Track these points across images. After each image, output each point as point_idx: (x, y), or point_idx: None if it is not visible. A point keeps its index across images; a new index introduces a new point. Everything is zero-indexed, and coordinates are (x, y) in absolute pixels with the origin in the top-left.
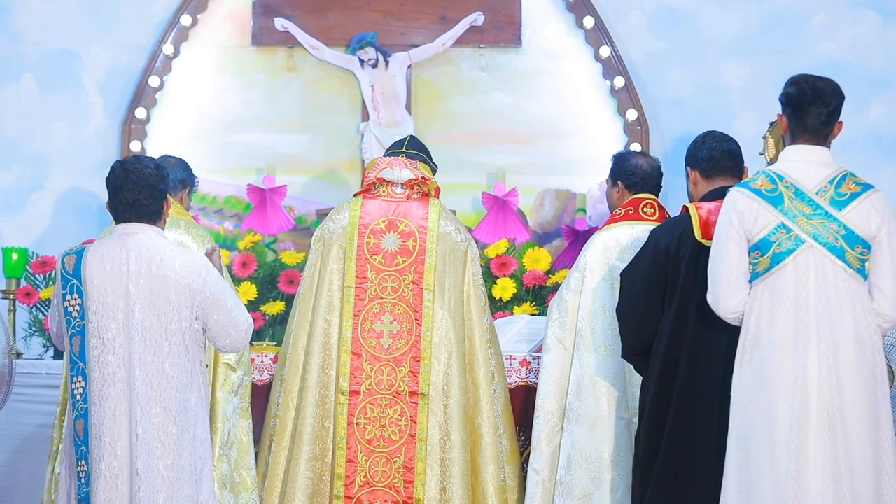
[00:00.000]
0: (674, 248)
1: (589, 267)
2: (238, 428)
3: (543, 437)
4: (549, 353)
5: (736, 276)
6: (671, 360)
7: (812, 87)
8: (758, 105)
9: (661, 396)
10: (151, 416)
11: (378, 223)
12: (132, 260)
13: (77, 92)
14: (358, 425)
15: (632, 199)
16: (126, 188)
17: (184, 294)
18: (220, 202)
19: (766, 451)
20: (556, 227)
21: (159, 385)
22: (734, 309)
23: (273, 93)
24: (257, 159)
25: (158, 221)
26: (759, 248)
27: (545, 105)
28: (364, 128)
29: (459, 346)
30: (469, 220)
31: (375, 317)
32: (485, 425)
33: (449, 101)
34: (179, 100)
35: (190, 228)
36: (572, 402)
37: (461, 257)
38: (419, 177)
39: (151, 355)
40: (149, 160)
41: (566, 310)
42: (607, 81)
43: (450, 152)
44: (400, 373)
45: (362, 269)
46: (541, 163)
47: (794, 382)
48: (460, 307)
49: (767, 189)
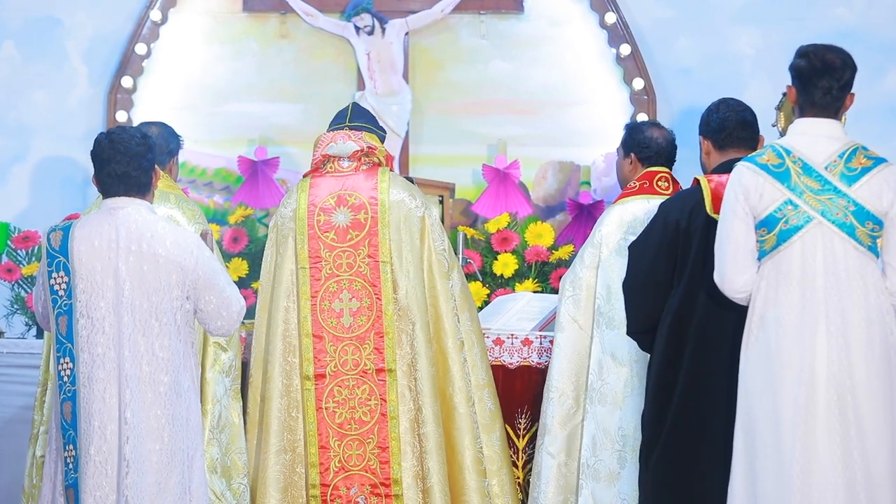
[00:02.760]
0: (684, 222)
1: (605, 242)
2: (230, 410)
3: (558, 420)
4: (563, 332)
5: (743, 253)
6: (677, 340)
7: (821, 60)
8: (769, 73)
9: (665, 378)
10: (141, 400)
11: (327, 200)
12: (122, 236)
13: (60, 60)
14: (327, 410)
15: (646, 172)
16: (113, 160)
17: (175, 272)
18: (210, 175)
19: (770, 436)
20: (559, 200)
21: (149, 367)
22: (741, 288)
23: (265, 61)
24: (249, 130)
25: (148, 194)
26: (765, 224)
27: (548, 74)
28: (360, 97)
29: (422, 315)
30: (469, 193)
31: (333, 296)
32: (457, 395)
33: (448, 70)
34: (167, 68)
35: (180, 203)
36: (594, 381)
37: (417, 223)
38: (364, 147)
39: (141, 336)
40: (135, 130)
41: (581, 286)
42: (613, 49)
43: (449, 123)
44: (364, 351)
45: (315, 248)
46: (543, 134)
47: (801, 364)
48: (420, 275)
49: (774, 164)
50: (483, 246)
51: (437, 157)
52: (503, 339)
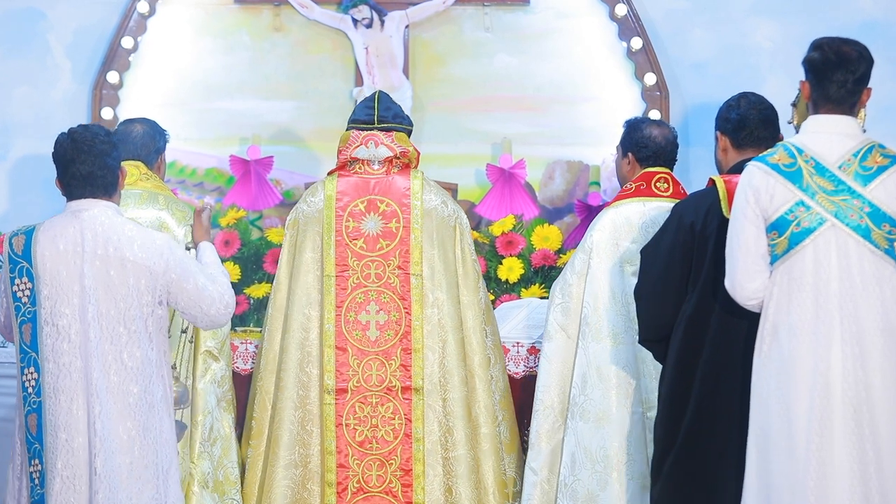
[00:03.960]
0: (699, 224)
1: (596, 248)
2: (221, 422)
3: (543, 434)
4: (551, 342)
5: (753, 258)
6: (690, 349)
7: (836, 52)
8: (788, 68)
9: (678, 389)
10: (110, 411)
11: (357, 204)
12: (87, 240)
13: (42, 54)
14: (347, 426)
15: (644, 172)
16: (77, 160)
17: (144, 277)
18: (201, 175)
19: (784, 448)
20: (567, 201)
21: (117, 377)
22: (752, 295)
23: (258, 55)
24: (241, 128)
25: (114, 195)
26: (776, 227)
27: (555, 69)
28: (358, 94)
29: (456, 332)
30: (472, 194)
31: (360, 307)
32: (482, 415)
33: (450, 65)
34: (155, 63)
35: (170, 204)
36: (576, 395)
37: (451, 233)
38: (398, 152)
39: (109, 344)
40: (97, 128)
41: (570, 294)
42: (623, 42)
43: (451, 121)
44: (390, 367)
45: (342, 255)
46: (550, 132)
47: (815, 375)
48: (454, 290)
49: (785, 164)
50: (487, 250)
51: (439, 157)
52: (508, 347)
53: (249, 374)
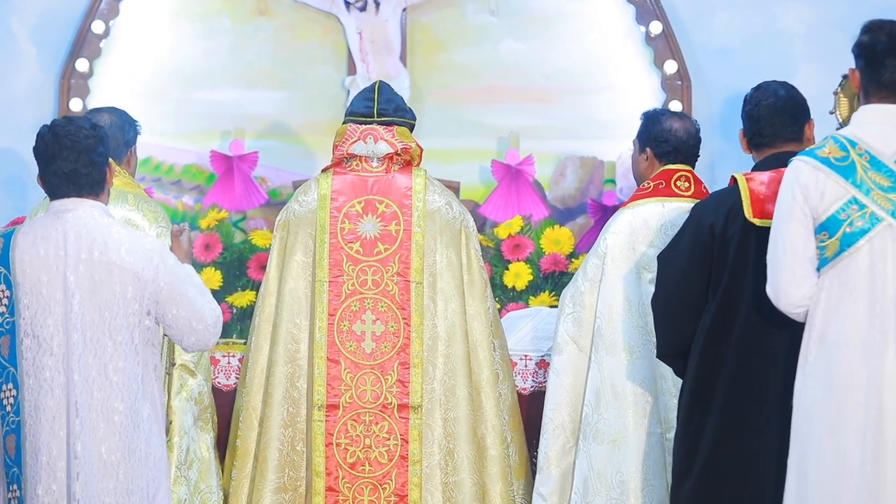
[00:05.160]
0: (720, 227)
1: (610, 252)
2: (198, 443)
3: (553, 457)
4: (561, 355)
5: (801, 262)
6: (710, 364)
7: (889, 35)
8: (824, 55)
9: (696, 407)
10: (92, 431)
11: (353, 205)
12: (70, 243)
13: (5, 40)
14: (338, 446)
15: (663, 170)
16: (59, 156)
17: (132, 284)
18: (178, 172)
19: (832, 478)
20: (579, 201)
21: (101, 393)
22: (799, 302)
23: (241, 40)
24: (222, 121)
25: (101, 194)
26: (826, 228)
27: (567, 55)
28: (350, 83)
29: (460, 346)
30: (476, 193)
31: (355, 316)
32: (489, 436)
33: (451, 51)
34: (128, 49)
35: (140, 203)
36: (589, 415)
37: (456, 237)
38: (399, 148)
39: (92, 357)
40: (83, 120)
41: (582, 303)
42: (642, 27)
43: (452, 113)
44: (386, 382)
45: (337, 259)
46: (562, 125)
47: (867, 392)
48: (460, 299)
49: (836, 157)
50: (492, 254)
51: (439, 152)
52: (516, 360)
53: (232, 391)
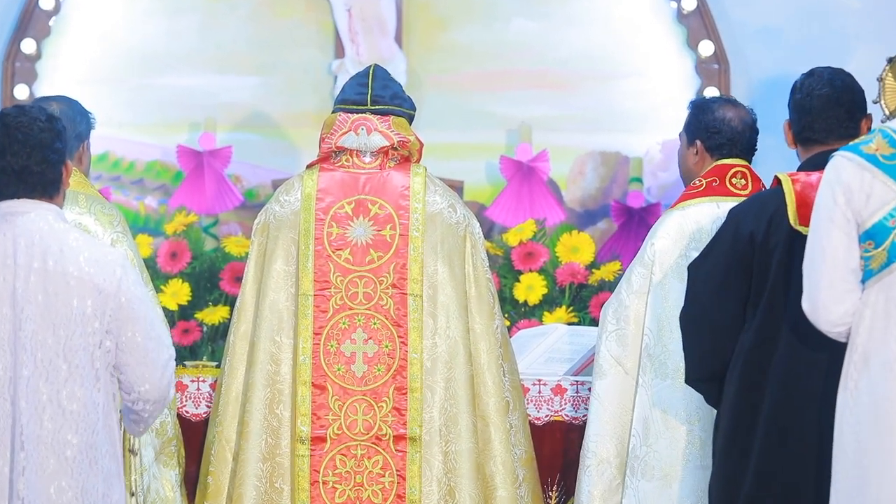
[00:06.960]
0: (760, 235)
1: (658, 260)
2: (161, 481)
3: (597, 496)
4: (604, 379)
5: (842, 274)
6: (751, 390)
7: None
8: (881, 35)
9: (736, 439)
10: (40, 467)
11: (342, 206)
12: (21, 250)
13: None
14: (325, 484)
15: (716, 165)
16: (9, 151)
17: (90, 297)
18: (140, 170)
19: None
20: (601, 203)
21: (52, 423)
22: (839, 320)
23: (211, 19)
24: (191, 111)
25: (56, 196)
26: (871, 236)
27: (586, 36)
28: (338, 67)
29: (464, 369)
30: (482, 193)
31: (343, 334)
32: (499, 474)
33: (453, 31)
34: (82, 28)
35: (92, 205)
36: (637, 447)
37: (460, 245)
38: (395, 141)
39: (43, 381)
40: (38, 111)
41: (627, 319)
42: (672, 3)
43: (455, 101)
44: (380, 411)
45: (323, 269)
46: (580, 115)
47: None
48: (463, 315)
49: (885, 155)
50: (501, 263)
51: (440, 146)
52: (528, 386)
53: (203, 421)
